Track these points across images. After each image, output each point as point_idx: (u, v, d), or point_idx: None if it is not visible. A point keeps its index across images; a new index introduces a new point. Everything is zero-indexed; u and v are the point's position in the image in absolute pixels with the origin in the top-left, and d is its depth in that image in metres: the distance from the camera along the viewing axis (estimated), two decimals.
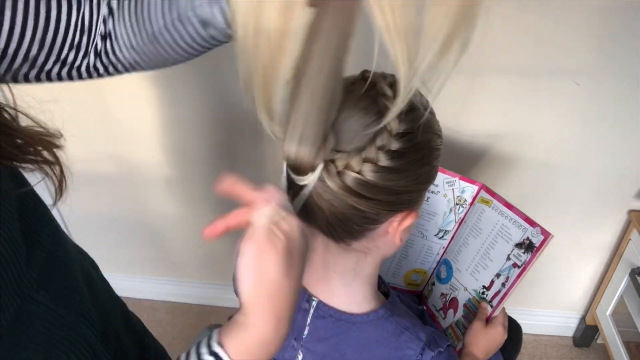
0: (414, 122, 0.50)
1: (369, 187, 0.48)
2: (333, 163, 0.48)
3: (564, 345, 1.59)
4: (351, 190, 0.48)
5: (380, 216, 0.53)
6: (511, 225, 0.81)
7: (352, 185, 0.48)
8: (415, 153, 0.50)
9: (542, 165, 1.25)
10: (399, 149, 0.49)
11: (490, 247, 0.84)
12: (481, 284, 0.84)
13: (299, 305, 0.63)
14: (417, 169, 0.51)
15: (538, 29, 1.05)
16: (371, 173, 0.48)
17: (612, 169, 1.25)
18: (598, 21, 1.03)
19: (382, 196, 0.49)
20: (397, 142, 0.48)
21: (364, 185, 0.48)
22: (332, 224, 0.53)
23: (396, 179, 0.49)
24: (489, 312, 0.82)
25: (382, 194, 0.49)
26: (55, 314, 0.49)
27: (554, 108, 1.16)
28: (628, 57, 1.07)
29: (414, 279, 0.97)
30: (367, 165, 0.48)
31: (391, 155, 0.48)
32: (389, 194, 0.50)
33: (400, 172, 0.49)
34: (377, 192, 0.49)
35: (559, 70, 1.10)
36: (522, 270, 0.77)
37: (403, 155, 0.49)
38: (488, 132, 1.21)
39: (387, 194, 0.50)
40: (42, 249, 0.50)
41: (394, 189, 0.50)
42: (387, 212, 0.52)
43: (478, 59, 1.10)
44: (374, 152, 0.48)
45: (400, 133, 0.49)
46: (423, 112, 0.51)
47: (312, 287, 0.63)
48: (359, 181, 0.48)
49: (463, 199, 0.88)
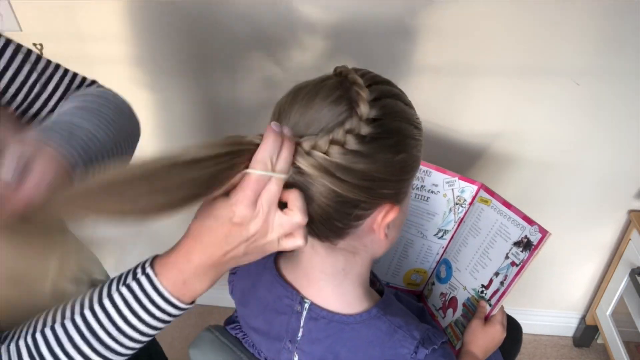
0: (386, 109, 0.50)
1: (340, 169, 0.49)
2: (300, 145, 0.49)
3: (564, 345, 1.59)
4: (323, 169, 0.49)
5: (361, 204, 0.52)
6: (510, 224, 0.81)
7: (323, 163, 0.49)
8: (387, 139, 0.50)
9: (541, 165, 1.25)
10: (369, 134, 0.49)
11: (489, 246, 0.84)
12: (480, 283, 0.84)
13: (292, 307, 0.63)
14: (390, 156, 0.51)
15: (537, 29, 1.06)
16: (339, 155, 0.48)
17: (612, 169, 1.25)
18: (598, 21, 1.03)
19: (355, 179, 0.49)
20: (366, 127, 0.49)
21: (335, 165, 0.49)
22: (315, 221, 0.53)
23: (367, 163, 0.49)
24: (488, 311, 0.82)
25: (354, 177, 0.49)
26: None
27: (554, 108, 1.16)
28: (628, 57, 1.07)
29: (413, 279, 0.97)
30: (334, 147, 0.48)
31: (360, 140, 0.49)
32: (363, 179, 0.50)
33: (370, 157, 0.49)
34: (349, 174, 0.49)
35: (559, 70, 1.11)
36: (520, 269, 0.78)
37: (373, 140, 0.49)
38: (487, 131, 1.21)
39: (360, 178, 0.50)
40: None
41: (367, 174, 0.50)
42: (366, 200, 0.52)
43: (477, 59, 1.10)
44: (341, 134, 0.48)
45: (370, 118, 0.49)
46: (395, 101, 0.52)
47: (304, 289, 0.63)
48: (328, 161, 0.48)
49: (463, 199, 0.88)
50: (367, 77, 0.52)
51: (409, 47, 1.10)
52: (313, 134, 0.50)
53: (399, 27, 1.07)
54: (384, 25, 1.07)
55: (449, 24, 1.06)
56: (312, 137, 0.49)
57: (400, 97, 0.53)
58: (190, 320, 1.64)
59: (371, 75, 0.53)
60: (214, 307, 1.66)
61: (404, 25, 1.07)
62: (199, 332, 0.74)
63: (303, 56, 1.13)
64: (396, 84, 0.55)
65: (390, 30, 1.08)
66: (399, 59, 1.12)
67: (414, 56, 1.11)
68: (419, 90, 1.15)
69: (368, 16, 1.06)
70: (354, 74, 0.52)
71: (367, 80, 0.52)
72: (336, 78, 0.53)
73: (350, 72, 0.52)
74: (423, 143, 0.56)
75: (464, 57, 1.10)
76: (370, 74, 0.53)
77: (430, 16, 1.06)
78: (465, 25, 1.06)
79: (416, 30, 1.08)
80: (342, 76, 0.53)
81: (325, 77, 0.54)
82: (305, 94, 0.51)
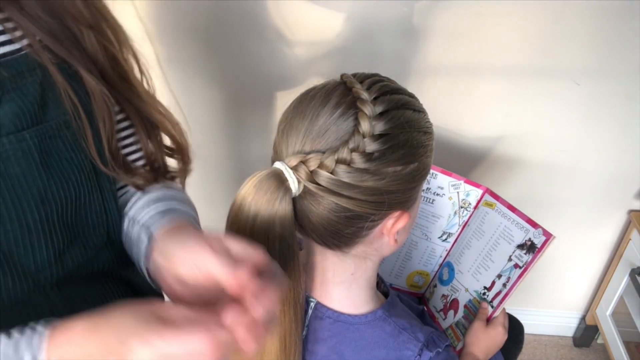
0: (392, 122, 0.49)
1: (347, 187, 0.48)
2: (305, 164, 0.48)
3: (564, 345, 1.59)
4: (327, 190, 0.48)
5: (371, 217, 0.52)
6: (513, 227, 0.81)
7: (327, 185, 0.48)
8: (395, 153, 0.49)
9: (542, 165, 1.25)
10: (376, 150, 0.48)
11: (492, 249, 0.84)
12: (482, 284, 0.84)
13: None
14: (399, 169, 0.50)
15: (538, 29, 1.06)
16: (346, 174, 0.48)
17: (612, 169, 1.25)
18: (598, 21, 1.03)
19: (363, 196, 0.49)
20: (373, 144, 0.48)
21: (341, 184, 0.48)
22: (322, 234, 0.53)
23: (375, 180, 0.49)
24: (490, 313, 0.82)
25: (362, 194, 0.49)
26: None
27: (554, 108, 1.16)
28: (628, 57, 1.08)
29: (416, 281, 0.97)
30: (341, 166, 0.48)
31: (367, 157, 0.48)
32: (371, 194, 0.49)
33: (378, 173, 0.49)
34: (357, 191, 0.49)
35: (559, 70, 1.11)
36: (523, 271, 0.78)
37: (381, 156, 0.48)
38: (489, 133, 1.21)
39: (369, 194, 0.49)
40: None
41: (376, 189, 0.49)
42: (376, 211, 0.52)
43: (478, 60, 1.10)
44: (346, 153, 0.47)
45: (377, 134, 0.48)
46: (404, 111, 0.51)
47: (310, 289, 0.63)
48: (334, 180, 0.48)
49: (468, 202, 0.88)
50: (374, 88, 0.51)
51: (414, 48, 1.10)
52: (320, 150, 0.49)
53: (405, 28, 1.07)
54: (390, 25, 1.07)
55: (453, 24, 1.06)
56: (318, 155, 0.48)
57: (410, 104, 0.52)
58: None
59: (380, 85, 0.51)
60: None
61: (411, 25, 1.07)
62: None
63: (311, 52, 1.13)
64: (401, 84, 0.54)
65: (397, 31, 1.08)
66: (405, 60, 1.11)
67: (418, 57, 1.11)
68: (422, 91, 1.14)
69: (375, 17, 1.06)
70: (359, 86, 0.50)
71: (375, 91, 0.50)
72: (342, 88, 0.51)
73: (354, 85, 0.51)
74: (433, 146, 0.55)
75: (466, 58, 1.10)
76: (379, 82, 0.52)
77: (435, 17, 1.05)
78: (468, 26, 1.06)
79: (421, 30, 1.07)
80: (347, 87, 0.51)
81: (332, 87, 0.52)
82: (311, 108, 0.50)
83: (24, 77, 0.47)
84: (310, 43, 1.12)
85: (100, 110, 0.52)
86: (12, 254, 0.49)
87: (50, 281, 0.53)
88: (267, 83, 1.19)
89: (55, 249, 0.52)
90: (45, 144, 0.49)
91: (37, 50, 0.48)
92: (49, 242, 0.51)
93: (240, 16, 1.09)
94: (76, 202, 0.53)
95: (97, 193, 0.55)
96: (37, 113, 0.48)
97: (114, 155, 0.54)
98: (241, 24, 1.10)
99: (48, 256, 0.51)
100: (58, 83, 0.49)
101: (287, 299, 0.56)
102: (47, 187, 0.49)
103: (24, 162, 0.47)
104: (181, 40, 1.14)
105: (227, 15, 1.09)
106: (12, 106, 0.46)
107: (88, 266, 0.57)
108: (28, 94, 0.47)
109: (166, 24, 1.11)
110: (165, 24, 1.11)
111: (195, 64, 1.17)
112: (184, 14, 1.10)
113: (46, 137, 0.49)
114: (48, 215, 0.50)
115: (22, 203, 0.48)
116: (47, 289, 0.53)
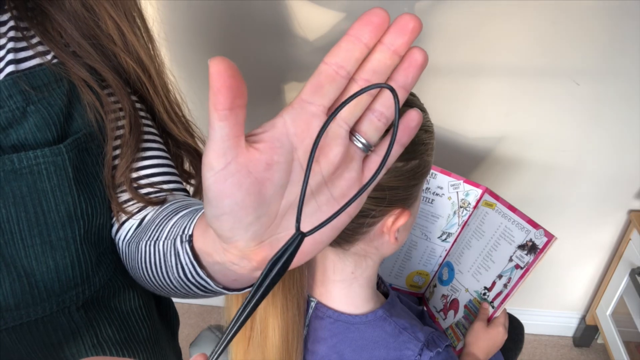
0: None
1: None
2: None
3: (564, 345, 1.59)
4: None
5: (372, 213, 0.52)
6: (514, 228, 0.81)
7: None
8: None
9: (542, 165, 1.25)
10: None
11: (492, 249, 0.84)
12: (483, 285, 0.84)
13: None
14: (400, 165, 0.50)
15: (538, 29, 1.06)
16: None
17: (612, 169, 1.25)
18: (598, 21, 1.03)
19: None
20: None
21: None
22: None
23: None
24: (491, 313, 0.82)
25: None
26: None
27: (554, 108, 1.16)
28: (628, 57, 1.08)
29: (416, 281, 0.97)
30: None
31: None
32: (373, 190, 0.49)
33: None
34: None
35: (559, 71, 1.11)
36: (525, 272, 0.78)
37: None
38: (489, 133, 1.21)
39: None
40: None
41: (377, 185, 0.49)
42: (376, 206, 0.52)
43: (478, 60, 1.10)
44: None
45: None
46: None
47: (311, 288, 0.63)
48: None
49: (467, 202, 0.88)
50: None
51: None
52: None
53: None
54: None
55: (453, 24, 1.06)
56: None
57: (411, 103, 0.52)
58: (190, 320, 1.64)
59: None
60: (214, 307, 1.66)
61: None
62: (199, 332, 0.74)
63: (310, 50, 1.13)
64: None
65: None
66: None
67: None
68: (423, 91, 1.14)
69: None
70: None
71: None
72: None
73: None
74: (434, 145, 0.55)
75: (466, 58, 1.10)
76: None
77: (435, 17, 1.05)
78: (468, 26, 1.06)
79: (421, 30, 1.07)
80: None
81: None
82: None
83: (51, 88, 0.46)
84: (313, 41, 1.12)
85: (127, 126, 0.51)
86: (34, 272, 0.46)
87: (75, 302, 0.51)
88: (269, 83, 1.19)
89: (82, 268, 0.49)
90: (78, 158, 0.47)
91: (66, 63, 0.47)
92: (75, 261, 0.48)
93: (241, 16, 1.09)
94: (100, 219, 0.50)
95: None
96: (62, 125, 0.46)
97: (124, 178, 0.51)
98: (241, 24, 1.10)
99: (74, 276, 0.49)
100: (84, 95, 0.48)
101: (291, 294, 0.56)
102: (77, 204, 0.47)
103: (56, 177, 0.45)
104: (188, 40, 1.14)
105: (228, 15, 1.10)
106: (37, 118, 0.45)
107: (114, 282, 0.55)
108: (55, 104, 0.46)
109: (173, 25, 1.12)
110: (171, 25, 1.12)
111: (200, 65, 1.17)
112: (191, 16, 1.10)
113: (79, 150, 0.47)
114: (75, 232, 0.48)
115: (47, 220, 0.46)
116: (72, 310, 0.51)
